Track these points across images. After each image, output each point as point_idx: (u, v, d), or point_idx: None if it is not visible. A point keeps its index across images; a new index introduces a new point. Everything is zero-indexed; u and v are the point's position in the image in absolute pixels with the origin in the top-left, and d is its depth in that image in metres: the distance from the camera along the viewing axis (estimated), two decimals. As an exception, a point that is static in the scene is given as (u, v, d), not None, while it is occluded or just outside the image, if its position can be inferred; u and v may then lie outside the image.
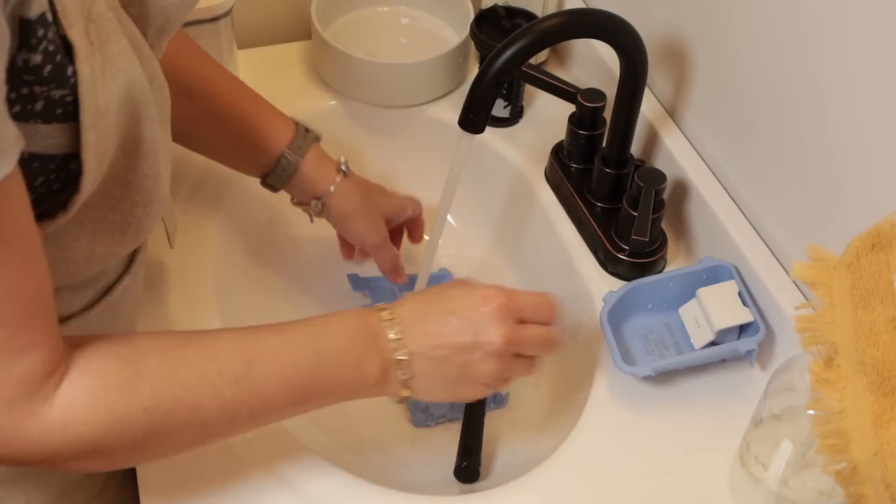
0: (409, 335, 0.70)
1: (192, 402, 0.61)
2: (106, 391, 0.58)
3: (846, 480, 0.57)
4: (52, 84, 0.52)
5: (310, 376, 0.67)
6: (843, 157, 0.77)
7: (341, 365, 0.68)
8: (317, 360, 0.67)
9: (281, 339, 0.67)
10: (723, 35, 0.89)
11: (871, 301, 0.57)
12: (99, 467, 0.62)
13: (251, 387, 0.63)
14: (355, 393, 0.70)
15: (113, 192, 0.62)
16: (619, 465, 0.80)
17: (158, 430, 0.60)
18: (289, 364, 0.66)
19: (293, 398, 0.66)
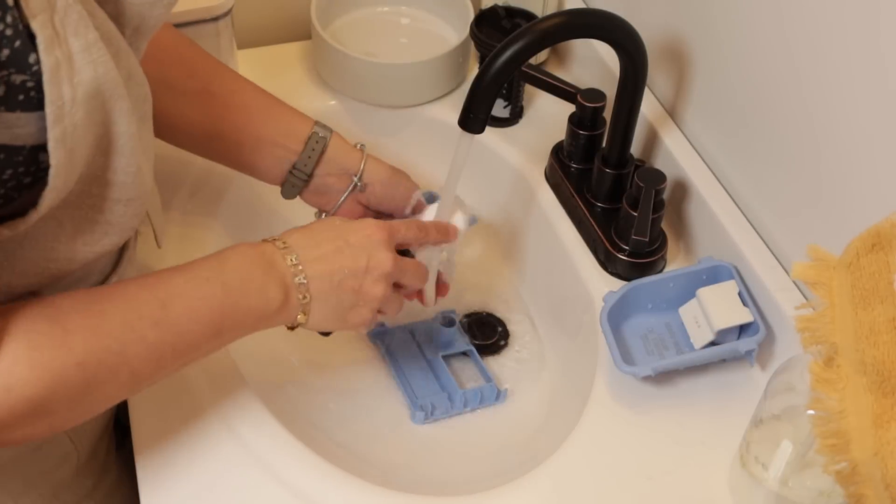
0: (306, 260, 0.74)
1: (120, 349, 0.63)
2: (40, 351, 0.59)
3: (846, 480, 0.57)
4: (10, 68, 0.52)
5: (220, 308, 0.69)
6: (844, 156, 0.77)
7: (246, 293, 0.71)
8: (223, 292, 0.69)
9: (186, 278, 0.69)
10: (723, 35, 0.89)
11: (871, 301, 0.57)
12: (40, 431, 0.62)
13: (170, 327, 0.66)
14: (261, 321, 0.72)
15: (92, 190, 0.62)
16: (619, 464, 0.80)
17: (93, 383, 0.62)
18: (199, 299, 0.68)
19: (209, 331, 0.69)
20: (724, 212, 0.91)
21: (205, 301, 0.68)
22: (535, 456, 0.83)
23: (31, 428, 0.61)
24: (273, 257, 0.73)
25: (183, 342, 0.67)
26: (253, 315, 0.72)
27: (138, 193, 0.65)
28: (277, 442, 0.80)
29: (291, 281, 0.73)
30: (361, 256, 0.77)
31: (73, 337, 0.60)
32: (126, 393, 0.67)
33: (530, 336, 1.02)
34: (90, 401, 0.63)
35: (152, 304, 0.65)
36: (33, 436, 0.62)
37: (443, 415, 0.94)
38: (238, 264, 0.71)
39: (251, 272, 0.71)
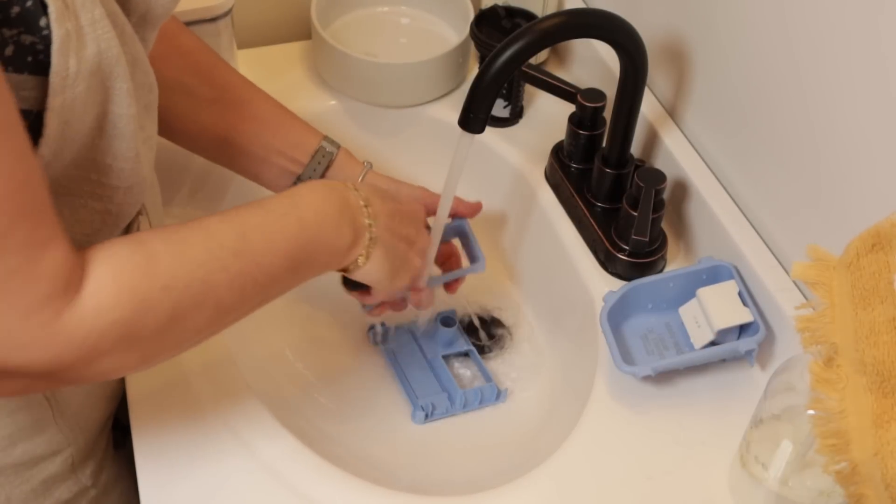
0: (375, 206, 0.77)
1: (204, 276, 0.63)
2: (125, 274, 0.59)
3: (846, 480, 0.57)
4: (21, 27, 0.52)
5: (297, 241, 0.70)
6: (844, 156, 0.77)
7: (321, 228, 0.72)
8: (299, 225, 0.71)
9: (264, 212, 0.70)
10: (723, 35, 0.89)
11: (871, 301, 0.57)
12: (133, 362, 0.62)
13: (251, 256, 0.66)
14: (333, 257, 0.74)
15: (91, 176, 0.62)
16: (619, 464, 0.80)
17: (178, 309, 0.61)
18: (277, 232, 0.69)
19: (288, 264, 0.69)
20: (724, 212, 0.91)
21: (282, 234, 0.69)
22: (535, 456, 0.83)
23: (123, 357, 0.61)
24: (346, 194, 0.75)
25: (263, 274, 0.67)
26: (326, 250, 0.73)
27: (137, 181, 0.65)
28: (277, 442, 0.80)
29: (362, 221, 0.75)
30: (412, 226, 0.81)
31: (157, 262, 0.60)
32: (213, 325, 0.66)
33: (530, 336, 1.02)
34: (178, 330, 0.63)
35: (232, 236, 0.66)
36: (126, 366, 0.62)
37: (443, 415, 0.94)
38: (312, 200, 0.73)
39: (325, 208, 0.73)
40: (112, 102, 0.60)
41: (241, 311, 0.68)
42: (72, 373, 0.59)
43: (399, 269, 0.80)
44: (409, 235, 0.80)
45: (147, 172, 0.68)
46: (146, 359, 0.64)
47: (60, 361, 0.57)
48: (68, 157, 0.59)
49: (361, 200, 0.76)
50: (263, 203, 0.71)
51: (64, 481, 0.82)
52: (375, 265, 0.77)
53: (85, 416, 0.82)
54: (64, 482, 0.82)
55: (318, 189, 0.74)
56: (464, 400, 0.93)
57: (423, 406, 0.93)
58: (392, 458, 0.90)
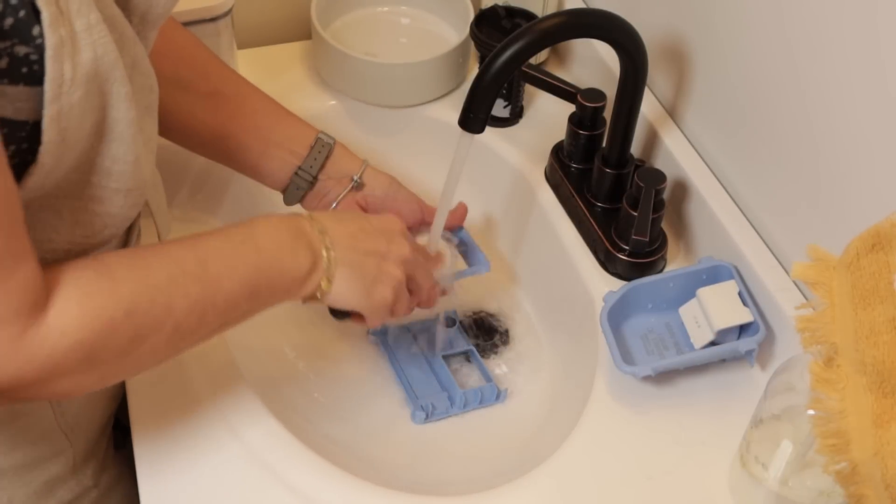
0: (332, 230, 0.77)
1: (166, 302, 0.64)
2: (90, 297, 0.59)
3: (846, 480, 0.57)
4: (14, 39, 0.52)
5: (255, 267, 0.71)
6: (844, 156, 0.77)
7: (278, 254, 0.73)
8: (257, 252, 0.71)
9: (223, 239, 0.71)
10: (723, 35, 0.89)
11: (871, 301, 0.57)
12: (91, 382, 0.63)
13: (210, 282, 0.67)
14: (293, 284, 0.74)
15: (91, 180, 0.62)
16: (619, 464, 0.80)
17: (140, 333, 0.62)
18: (236, 258, 0.70)
19: (247, 290, 0.70)
20: (724, 212, 0.91)
21: (241, 260, 0.70)
22: (535, 456, 0.83)
23: (82, 377, 0.61)
24: (301, 224, 0.75)
25: (222, 299, 0.68)
26: (286, 276, 0.73)
27: (137, 184, 0.65)
28: (278, 442, 0.80)
29: (319, 246, 0.75)
30: (382, 239, 0.80)
31: (121, 286, 0.61)
32: (171, 349, 0.67)
33: (530, 336, 1.02)
34: (138, 353, 0.64)
35: (193, 262, 0.67)
36: (83, 387, 0.63)
37: (443, 415, 0.94)
38: (268, 229, 0.73)
39: (281, 236, 0.73)
40: (111, 107, 0.60)
41: (199, 335, 0.69)
42: (28, 391, 0.60)
43: (373, 284, 0.79)
44: (379, 249, 0.79)
45: (148, 174, 0.68)
46: (104, 380, 0.65)
47: (19, 379, 0.58)
48: (69, 163, 0.59)
49: (317, 228, 0.76)
50: (221, 231, 0.72)
51: (66, 482, 0.82)
52: (343, 286, 0.77)
53: (86, 418, 0.82)
54: (66, 483, 0.82)
55: (273, 219, 0.75)
56: (464, 400, 0.93)
57: (423, 406, 0.93)
58: (392, 458, 0.90)
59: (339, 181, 0.91)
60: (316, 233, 0.75)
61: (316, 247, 0.75)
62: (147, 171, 0.67)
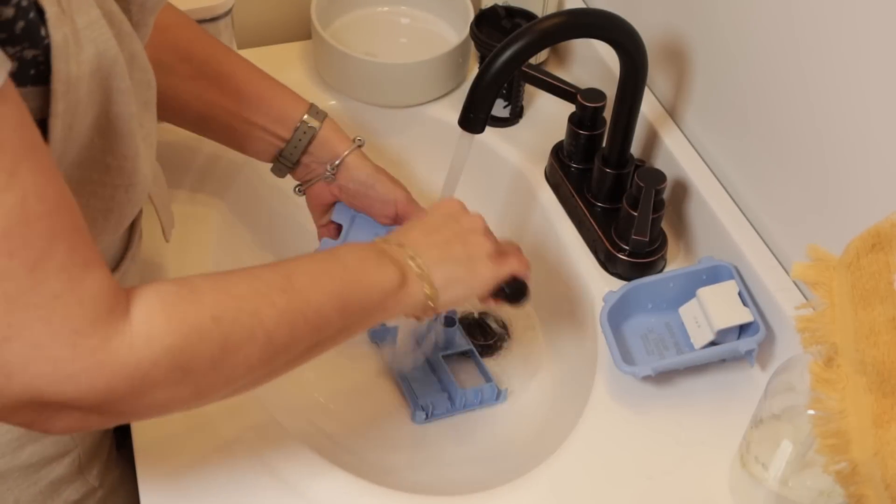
0: (407, 241, 0.76)
1: (252, 309, 0.62)
2: (174, 304, 0.58)
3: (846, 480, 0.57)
4: (24, 43, 0.52)
5: (342, 281, 0.70)
6: (843, 156, 0.77)
7: (365, 270, 0.72)
8: (342, 267, 0.71)
9: (304, 259, 0.70)
10: (723, 35, 0.89)
11: (871, 301, 0.57)
12: (185, 396, 0.60)
13: (297, 294, 0.65)
14: (387, 297, 0.72)
15: (92, 176, 0.62)
16: (619, 464, 0.80)
17: (230, 340, 0.60)
18: (322, 273, 0.69)
19: (336, 303, 0.68)
20: (724, 212, 0.91)
21: (327, 275, 0.69)
22: (535, 456, 0.83)
23: (177, 389, 0.58)
24: (379, 245, 0.75)
25: (312, 311, 0.66)
26: (375, 289, 0.72)
27: (138, 179, 0.65)
28: (278, 441, 0.80)
29: (403, 259, 0.74)
30: (451, 223, 0.79)
31: (204, 296, 0.60)
32: (265, 364, 0.64)
33: (530, 336, 1.02)
34: (231, 364, 0.61)
35: (276, 276, 0.65)
36: (181, 399, 0.60)
37: (443, 415, 0.94)
38: (351, 249, 0.74)
39: (364, 254, 0.73)
40: (111, 102, 0.60)
41: (293, 352, 0.66)
42: (124, 405, 0.57)
43: (470, 261, 0.78)
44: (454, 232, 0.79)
45: (147, 169, 0.68)
46: (200, 394, 0.62)
47: (112, 392, 0.55)
48: (70, 159, 0.59)
49: (394, 243, 0.76)
50: (304, 256, 0.71)
51: (72, 483, 0.82)
52: (445, 282, 0.76)
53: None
54: (72, 483, 0.82)
55: (353, 246, 0.76)
56: (464, 400, 0.93)
57: (423, 406, 0.93)
58: (392, 458, 0.90)
59: (322, 166, 0.92)
60: (395, 247, 0.75)
61: (400, 259, 0.74)
62: (147, 166, 0.67)
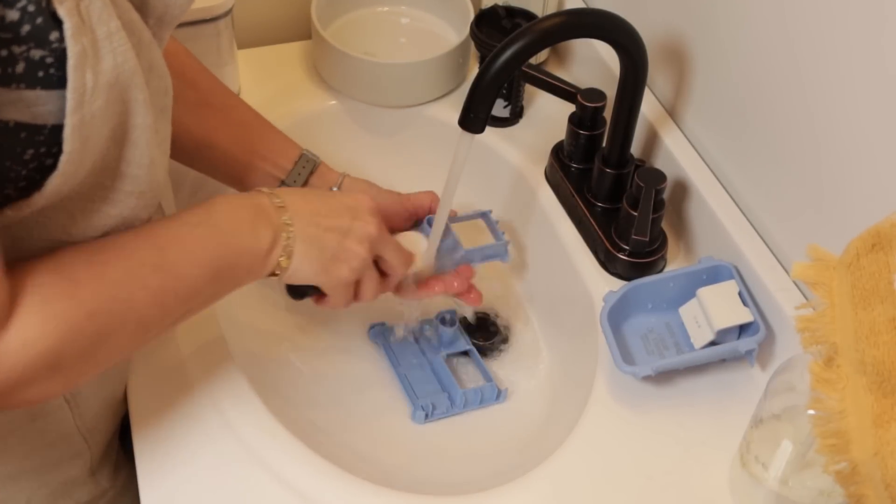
0: (293, 206, 0.76)
1: (126, 297, 0.63)
2: (50, 304, 0.59)
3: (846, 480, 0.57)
4: (30, 43, 0.52)
5: (215, 249, 0.70)
6: (843, 156, 0.77)
7: (237, 233, 0.72)
8: (215, 233, 0.71)
9: (178, 224, 0.70)
10: (723, 35, 0.89)
11: (871, 301, 0.57)
12: (56, 388, 0.63)
13: (170, 270, 0.66)
14: (254, 263, 0.73)
15: (105, 182, 0.62)
16: (619, 464, 0.80)
17: (103, 333, 0.62)
18: (194, 242, 0.69)
19: (208, 274, 0.69)
20: (724, 212, 0.91)
21: (199, 243, 0.69)
22: (535, 456, 0.83)
23: (48, 384, 0.61)
24: (259, 200, 0.75)
25: (183, 286, 0.67)
26: (246, 255, 0.72)
27: (150, 186, 0.65)
28: (277, 441, 0.80)
29: (278, 220, 0.74)
30: (346, 215, 0.79)
31: (80, 288, 0.61)
32: (136, 343, 0.67)
33: (530, 336, 1.02)
34: (102, 352, 0.63)
35: (150, 251, 0.66)
36: (49, 393, 0.62)
37: (443, 415, 0.94)
38: (226, 208, 0.73)
39: (239, 213, 0.73)
40: (130, 114, 0.60)
41: (163, 325, 0.68)
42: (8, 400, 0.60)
43: (332, 260, 0.78)
44: (341, 225, 0.78)
45: (161, 176, 0.68)
46: (68, 383, 0.64)
47: None
48: (86, 168, 0.59)
49: (277, 201, 0.75)
50: (179, 215, 0.71)
51: (84, 484, 0.82)
52: (301, 262, 0.76)
53: (104, 420, 0.82)
54: (84, 485, 0.82)
55: (231, 197, 0.74)
56: (464, 400, 0.93)
57: (423, 406, 0.93)
58: (392, 458, 0.90)
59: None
60: (275, 208, 0.75)
61: (276, 222, 0.74)
62: (161, 173, 0.67)
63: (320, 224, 0.77)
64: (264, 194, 0.76)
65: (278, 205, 0.75)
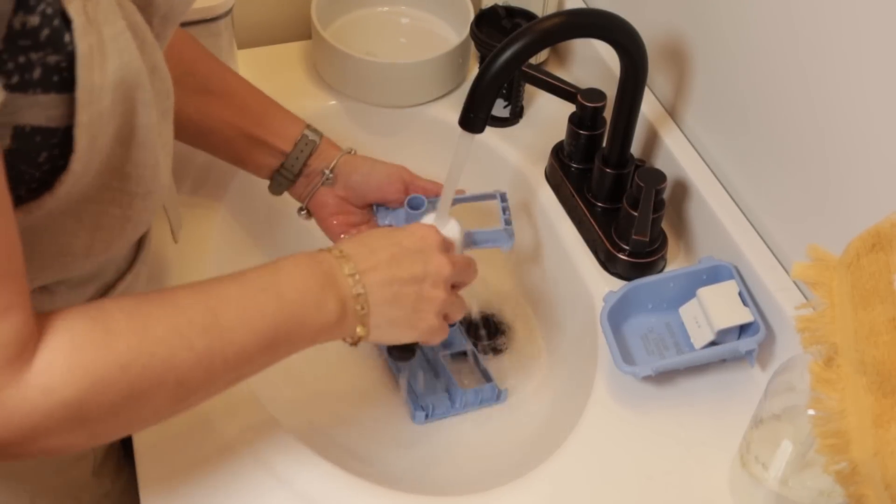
0: (363, 269, 0.72)
1: (167, 355, 0.59)
2: (80, 351, 0.56)
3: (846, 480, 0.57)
4: (48, 49, 0.52)
5: (274, 319, 0.66)
6: (843, 156, 0.77)
7: (303, 305, 0.68)
8: (278, 304, 0.67)
9: (240, 286, 0.66)
10: (723, 35, 0.89)
11: (871, 301, 0.57)
12: (81, 441, 0.59)
13: (220, 334, 0.62)
14: (318, 334, 0.70)
15: (112, 184, 0.62)
16: (619, 464, 0.80)
17: (136, 389, 0.58)
18: (252, 309, 0.65)
19: (262, 343, 0.66)
20: (724, 211, 0.91)
21: (258, 311, 0.65)
22: (535, 456, 0.83)
23: (71, 436, 0.57)
24: (330, 268, 0.71)
25: (234, 352, 0.63)
26: (310, 328, 0.69)
27: (156, 187, 0.65)
28: (277, 441, 0.80)
29: (349, 292, 0.71)
30: (418, 262, 0.75)
31: (115, 339, 0.57)
32: (175, 405, 0.62)
33: (530, 336, 1.02)
34: (136, 410, 0.59)
35: (202, 311, 0.62)
36: (73, 445, 0.59)
37: (443, 415, 0.94)
38: (294, 275, 0.69)
39: (307, 283, 0.69)
40: (134, 114, 0.60)
41: (208, 391, 0.64)
42: (12, 449, 0.56)
43: (414, 312, 0.75)
44: (416, 274, 0.75)
45: (165, 178, 0.68)
46: (96, 437, 0.61)
47: (2, 439, 0.54)
48: (94, 169, 0.59)
49: (347, 267, 0.71)
50: (242, 276, 0.67)
51: (87, 485, 0.82)
52: (382, 327, 0.73)
53: None
54: (87, 486, 0.82)
55: (301, 263, 0.70)
56: (464, 400, 0.93)
57: (423, 406, 0.93)
58: (392, 458, 0.90)
59: (320, 174, 0.93)
60: (345, 276, 0.71)
61: (345, 294, 0.71)
62: (165, 174, 0.67)
63: (394, 280, 0.73)
64: (333, 257, 0.72)
65: (349, 271, 0.71)
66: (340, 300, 0.70)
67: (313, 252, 0.72)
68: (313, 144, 0.91)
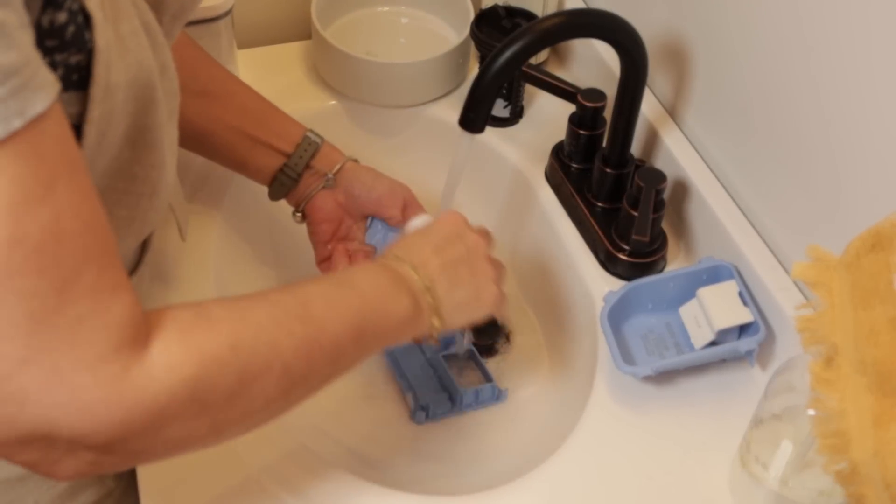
0: (418, 265, 0.74)
1: (270, 339, 0.60)
2: (191, 334, 0.56)
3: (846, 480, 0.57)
4: (72, 48, 0.52)
5: (359, 311, 0.68)
6: (843, 156, 0.77)
7: (382, 299, 0.70)
8: (360, 298, 0.69)
9: (320, 285, 0.68)
10: (723, 35, 0.89)
11: (871, 301, 0.57)
12: (199, 431, 0.58)
13: (314, 323, 0.63)
14: (399, 328, 0.71)
15: (118, 185, 0.62)
16: (619, 465, 0.80)
17: (247, 371, 0.58)
18: (338, 301, 0.67)
19: (352, 334, 0.67)
20: (724, 212, 0.91)
21: (343, 302, 0.67)
22: (535, 456, 0.83)
23: (193, 423, 0.56)
24: (395, 269, 0.73)
25: (329, 342, 0.64)
26: (391, 320, 0.70)
27: (162, 187, 0.65)
28: (277, 442, 0.80)
29: (418, 286, 0.73)
30: (458, 244, 0.78)
31: (220, 324, 0.58)
32: (283, 396, 0.62)
33: (530, 336, 1.02)
34: (248, 396, 0.59)
35: (294, 303, 0.64)
36: (193, 434, 0.58)
37: (443, 415, 0.94)
38: (367, 275, 0.72)
39: (380, 281, 0.71)
40: (143, 113, 0.60)
41: (310, 383, 0.64)
42: (139, 441, 0.54)
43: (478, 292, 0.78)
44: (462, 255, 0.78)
45: (171, 178, 0.67)
46: (216, 429, 0.60)
47: (128, 425, 0.53)
48: (99, 169, 0.59)
49: (408, 266, 0.74)
50: (316, 278, 0.70)
51: (90, 485, 0.82)
52: (452, 314, 0.75)
53: None
54: (90, 486, 0.82)
55: (369, 267, 0.73)
56: (464, 400, 0.93)
57: (423, 406, 0.93)
58: (392, 458, 0.90)
59: (321, 177, 0.92)
60: (409, 271, 0.73)
61: (414, 289, 0.73)
62: (170, 174, 0.67)
63: (447, 266, 0.76)
64: (389, 260, 0.74)
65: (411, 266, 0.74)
66: (412, 295, 0.72)
67: (376, 259, 0.75)
68: (316, 146, 0.91)
